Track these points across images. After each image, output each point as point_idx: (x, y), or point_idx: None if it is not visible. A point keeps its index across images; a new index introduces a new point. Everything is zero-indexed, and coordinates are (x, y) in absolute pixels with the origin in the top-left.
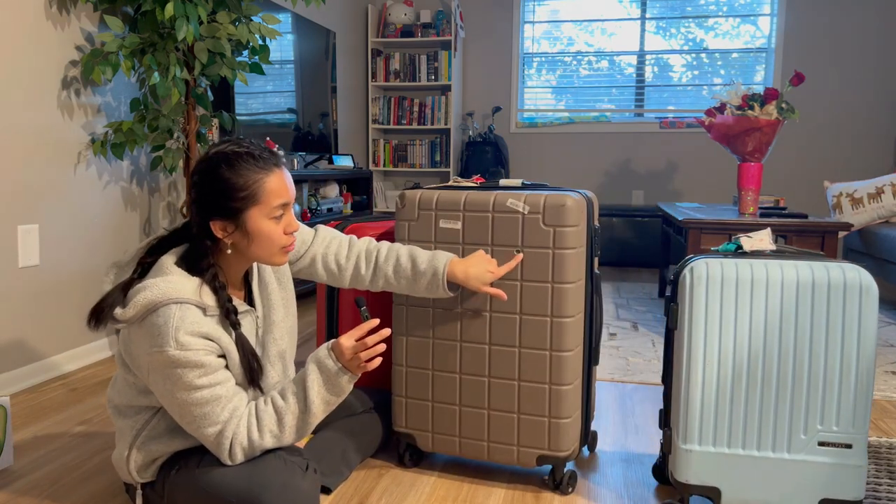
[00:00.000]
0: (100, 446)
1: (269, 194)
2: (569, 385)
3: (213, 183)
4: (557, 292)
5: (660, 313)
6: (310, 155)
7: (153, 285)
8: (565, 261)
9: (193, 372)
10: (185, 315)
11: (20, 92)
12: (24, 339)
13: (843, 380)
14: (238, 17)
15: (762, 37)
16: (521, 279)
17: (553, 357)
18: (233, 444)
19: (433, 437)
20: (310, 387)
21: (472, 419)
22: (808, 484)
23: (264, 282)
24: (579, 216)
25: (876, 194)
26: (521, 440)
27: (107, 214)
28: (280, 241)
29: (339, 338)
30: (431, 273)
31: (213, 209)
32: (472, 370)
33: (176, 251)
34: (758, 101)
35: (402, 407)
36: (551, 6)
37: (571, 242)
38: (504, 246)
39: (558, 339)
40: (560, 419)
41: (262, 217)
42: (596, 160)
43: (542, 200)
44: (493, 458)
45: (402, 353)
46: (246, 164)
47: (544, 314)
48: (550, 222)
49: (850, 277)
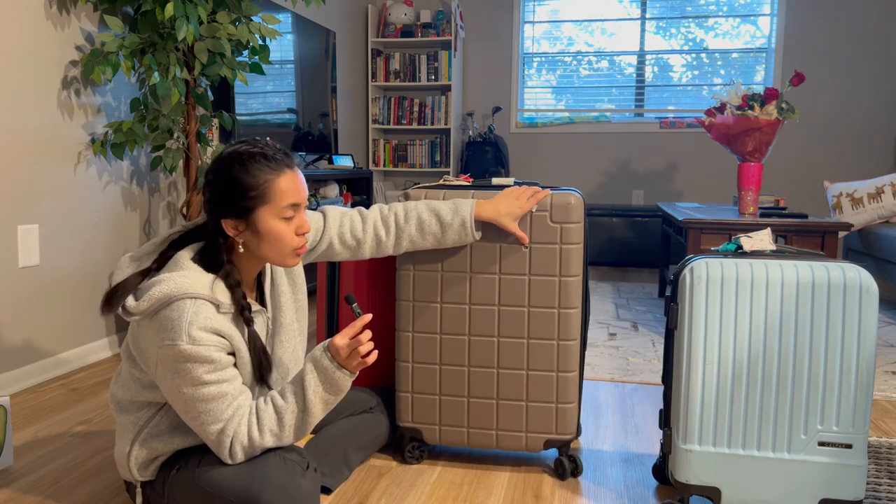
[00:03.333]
0: (100, 446)
1: (279, 194)
2: (573, 371)
3: (225, 182)
4: (564, 285)
5: (660, 313)
6: (310, 155)
7: (169, 279)
8: (571, 255)
9: (203, 367)
10: (199, 310)
11: (20, 92)
12: (24, 339)
13: (843, 380)
14: (238, 17)
15: (762, 37)
16: (530, 273)
17: (560, 346)
18: (233, 443)
19: (440, 429)
20: (308, 387)
21: (480, 409)
22: (808, 484)
23: (275, 283)
24: (581, 213)
25: (876, 194)
26: (529, 426)
27: (107, 214)
28: (291, 242)
29: (334, 337)
30: (459, 222)
31: (224, 208)
32: (480, 362)
33: (193, 247)
34: (758, 101)
35: (408, 402)
36: (551, 6)
37: (575, 238)
38: (513, 243)
39: (565, 329)
40: (567, 404)
41: (273, 217)
42: (596, 160)
43: (550, 200)
44: (501, 446)
45: (409, 350)
46: (258, 163)
47: (552, 306)
48: (558, 219)
49: (850, 277)
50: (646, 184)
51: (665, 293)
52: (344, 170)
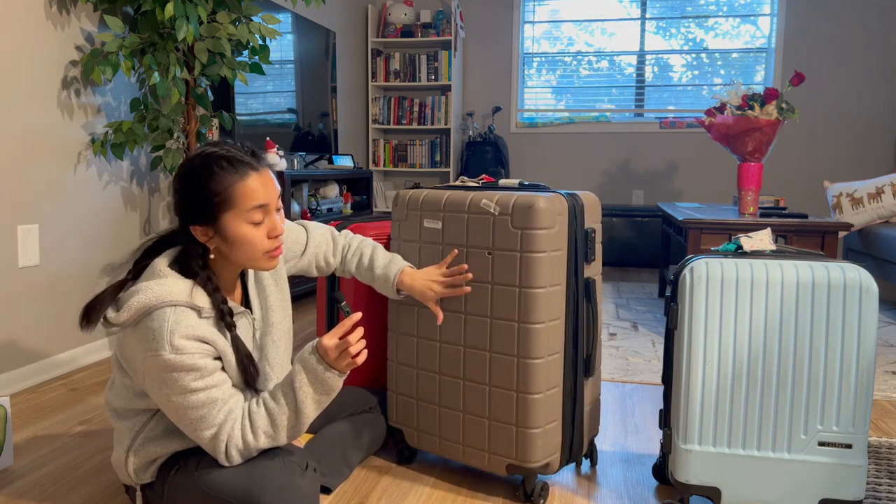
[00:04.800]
0: (100, 446)
1: (243, 197)
2: (537, 394)
3: (189, 189)
4: (525, 297)
5: (660, 313)
6: (310, 155)
7: (146, 288)
8: (534, 264)
9: (189, 375)
10: (180, 318)
11: (20, 92)
12: (24, 339)
13: (843, 380)
14: (238, 17)
15: (762, 37)
16: (492, 282)
17: (520, 363)
18: (228, 447)
19: (418, 434)
20: (298, 388)
21: (449, 420)
22: (808, 484)
23: (261, 283)
24: (552, 218)
25: (876, 194)
26: (491, 447)
27: (107, 214)
28: (262, 245)
29: (322, 338)
30: (384, 279)
31: (191, 215)
32: (449, 371)
33: (169, 253)
34: (758, 101)
35: (394, 401)
36: (551, 6)
37: (542, 245)
38: (477, 248)
39: (525, 346)
40: (528, 429)
41: (240, 222)
42: (596, 160)
43: (512, 201)
44: (467, 461)
45: (395, 350)
46: (220, 168)
47: (511, 319)
48: (518, 224)
49: (850, 277)
50: (646, 184)
51: (665, 293)
52: (344, 170)
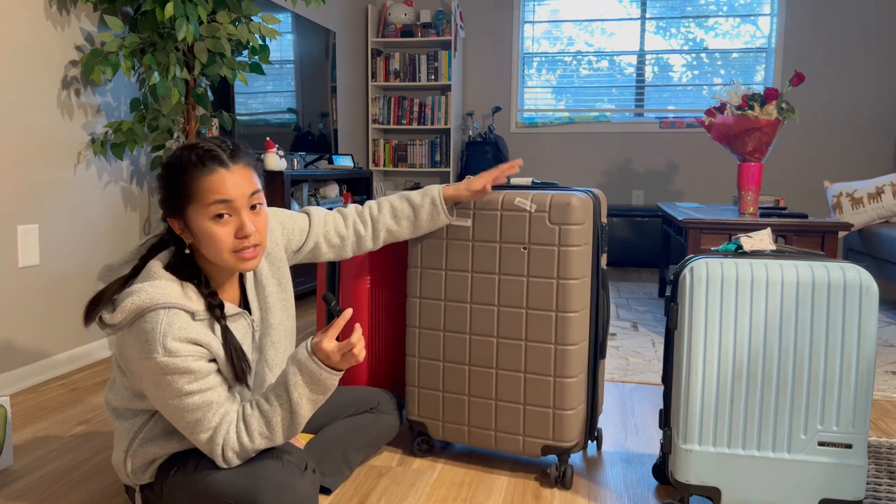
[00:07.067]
0: (99, 446)
1: (204, 192)
2: (573, 378)
3: (164, 182)
4: (562, 288)
5: (660, 313)
6: (310, 155)
7: (140, 290)
8: (570, 257)
9: (183, 378)
10: (173, 320)
11: (20, 92)
12: (24, 339)
13: (843, 380)
14: (238, 17)
15: (762, 37)
16: (528, 275)
17: (558, 350)
18: (224, 449)
19: (444, 426)
20: (292, 389)
21: (480, 409)
22: (808, 484)
23: (261, 284)
24: (584, 214)
25: (876, 194)
26: (527, 430)
27: (107, 214)
28: (226, 243)
29: (320, 341)
30: (429, 202)
31: (166, 207)
32: (480, 362)
33: (164, 255)
34: (758, 101)
35: (414, 396)
36: (551, 6)
37: (576, 240)
38: (512, 243)
39: (563, 334)
40: (564, 410)
41: (202, 217)
42: (596, 160)
43: (549, 199)
44: (499, 447)
45: (416, 345)
46: (188, 161)
47: (549, 309)
48: (556, 220)
49: (850, 277)
50: (646, 184)
51: (665, 293)
52: (344, 170)
